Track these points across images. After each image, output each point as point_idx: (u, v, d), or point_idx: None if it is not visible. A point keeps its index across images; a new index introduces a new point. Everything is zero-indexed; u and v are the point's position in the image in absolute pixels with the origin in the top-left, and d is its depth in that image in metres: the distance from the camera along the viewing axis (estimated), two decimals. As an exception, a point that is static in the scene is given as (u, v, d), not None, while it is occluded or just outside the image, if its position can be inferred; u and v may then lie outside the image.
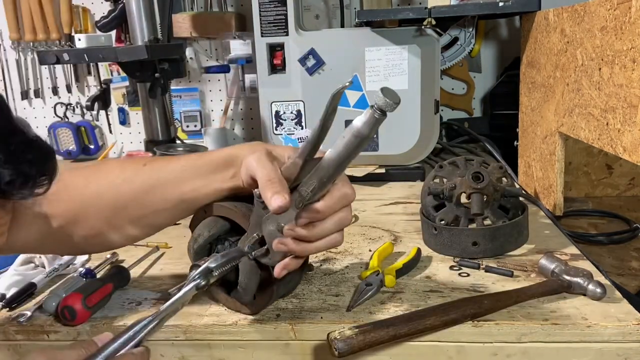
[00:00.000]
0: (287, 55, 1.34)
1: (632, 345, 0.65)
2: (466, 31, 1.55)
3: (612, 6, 0.77)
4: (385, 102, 0.53)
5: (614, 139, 0.78)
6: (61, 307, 0.71)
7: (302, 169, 0.61)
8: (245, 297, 0.70)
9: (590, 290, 0.70)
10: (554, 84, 1.04)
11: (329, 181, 0.60)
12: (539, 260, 0.77)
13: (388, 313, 0.70)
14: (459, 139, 1.69)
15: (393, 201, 1.20)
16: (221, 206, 0.71)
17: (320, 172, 0.59)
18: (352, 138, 0.56)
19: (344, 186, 0.64)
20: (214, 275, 0.63)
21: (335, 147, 0.58)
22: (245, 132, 1.91)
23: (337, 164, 0.59)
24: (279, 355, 0.70)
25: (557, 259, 0.76)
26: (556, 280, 0.73)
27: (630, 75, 0.72)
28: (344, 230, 0.66)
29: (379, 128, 0.57)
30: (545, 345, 0.66)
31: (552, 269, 0.75)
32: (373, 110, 0.54)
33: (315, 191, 0.60)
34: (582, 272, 0.73)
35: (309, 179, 0.60)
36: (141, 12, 1.33)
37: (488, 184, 0.86)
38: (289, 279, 0.70)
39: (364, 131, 0.55)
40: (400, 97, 0.54)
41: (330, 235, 0.64)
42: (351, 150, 0.57)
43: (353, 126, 0.56)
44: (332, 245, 0.65)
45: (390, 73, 1.30)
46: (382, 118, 0.54)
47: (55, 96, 1.94)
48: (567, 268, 0.74)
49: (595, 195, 1.30)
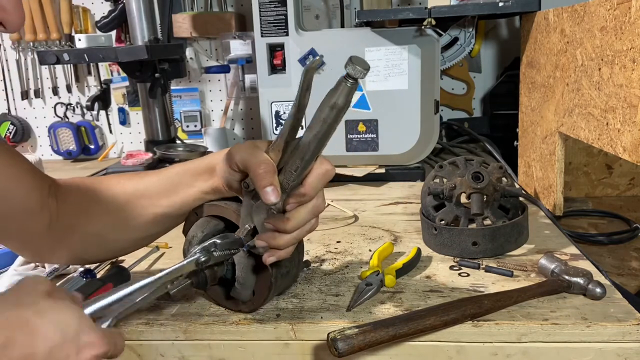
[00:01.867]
0: (287, 55, 1.34)
1: (631, 345, 0.65)
2: (466, 31, 1.55)
3: (611, 6, 0.77)
4: (355, 69, 0.55)
5: (614, 139, 0.78)
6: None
7: (284, 152, 0.62)
8: (244, 293, 0.70)
9: (590, 290, 0.70)
10: (553, 84, 1.04)
11: (311, 159, 0.61)
12: (539, 260, 0.77)
13: (388, 313, 0.70)
14: (459, 139, 1.69)
15: (393, 201, 1.20)
16: (212, 205, 0.72)
17: (301, 151, 0.60)
18: (328, 111, 0.57)
19: (322, 163, 0.64)
20: (214, 256, 0.64)
21: (313, 123, 0.59)
22: (245, 132, 1.91)
23: (318, 139, 0.59)
24: (279, 355, 0.70)
25: (556, 259, 0.76)
26: (556, 280, 0.73)
27: (630, 75, 0.72)
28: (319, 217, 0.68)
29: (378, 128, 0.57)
30: (545, 345, 0.66)
31: (552, 269, 0.75)
32: (344, 79, 0.56)
33: (299, 171, 0.61)
34: (582, 272, 0.73)
35: (292, 159, 0.61)
36: (141, 12, 1.34)
37: (488, 184, 0.86)
38: (285, 272, 0.70)
39: (339, 102, 0.56)
40: (369, 64, 0.56)
41: (307, 224, 0.66)
42: (329, 124, 0.58)
43: (327, 99, 0.57)
44: (310, 231, 0.67)
45: (390, 73, 1.30)
46: (354, 86, 0.56)
47: (56, 96, 1.94)
48: (567, 268, 0.74)
49: (595, 195, 1.30)
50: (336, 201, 1.22)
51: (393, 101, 1.31)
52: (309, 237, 0.98)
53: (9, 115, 1.94)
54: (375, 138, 1.33)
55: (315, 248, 0.94)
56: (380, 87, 1.31)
